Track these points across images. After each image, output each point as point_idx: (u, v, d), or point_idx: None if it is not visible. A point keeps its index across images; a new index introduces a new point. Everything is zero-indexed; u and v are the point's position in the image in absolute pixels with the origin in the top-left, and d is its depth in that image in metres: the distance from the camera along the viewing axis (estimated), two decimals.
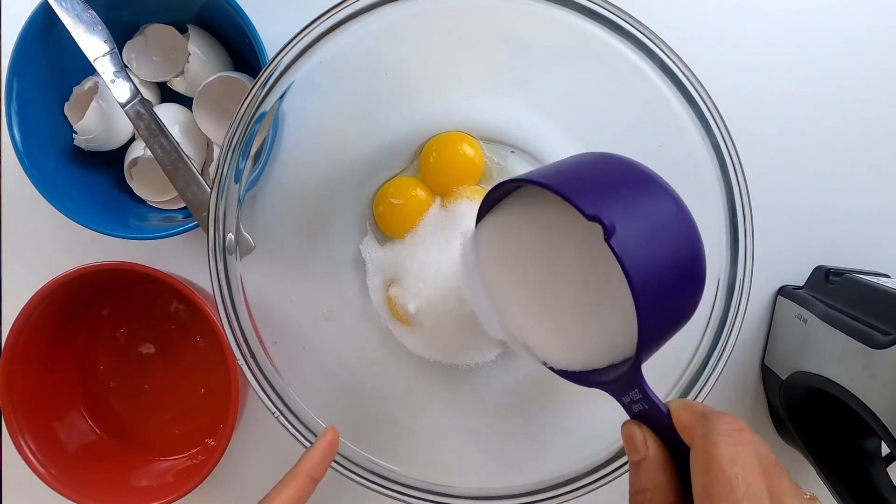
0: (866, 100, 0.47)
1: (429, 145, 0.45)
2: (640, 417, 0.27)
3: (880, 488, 0.40)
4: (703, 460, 0.22)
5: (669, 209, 0.27)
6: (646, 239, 0.25)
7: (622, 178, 0.27)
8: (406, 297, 0.43)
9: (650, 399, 0.26)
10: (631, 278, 0.23)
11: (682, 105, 0.33)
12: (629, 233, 0.24)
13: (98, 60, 0.42)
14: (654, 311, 0.25)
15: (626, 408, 0.27)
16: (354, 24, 0.33)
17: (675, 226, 0.27)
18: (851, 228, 0.48)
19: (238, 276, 0.34)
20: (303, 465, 0.32)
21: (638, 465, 0.25)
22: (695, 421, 0.24)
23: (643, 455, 0.25)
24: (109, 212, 0.45)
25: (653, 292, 0.24)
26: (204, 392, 0.49)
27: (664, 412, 0.25)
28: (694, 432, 0.23)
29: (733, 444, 0.22)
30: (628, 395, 0.27)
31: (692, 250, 0.27)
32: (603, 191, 0.26)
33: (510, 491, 0.34)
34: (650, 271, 0.24)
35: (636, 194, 0.27)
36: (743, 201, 0.33)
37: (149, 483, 0.46)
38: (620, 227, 0.24)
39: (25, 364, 0.43)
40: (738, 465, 0.21)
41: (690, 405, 0.25)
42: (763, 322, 0.48)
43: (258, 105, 0.33)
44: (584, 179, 0.27)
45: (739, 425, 0.23)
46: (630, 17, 0.32)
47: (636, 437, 0.26)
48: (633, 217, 0.25)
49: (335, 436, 0.33)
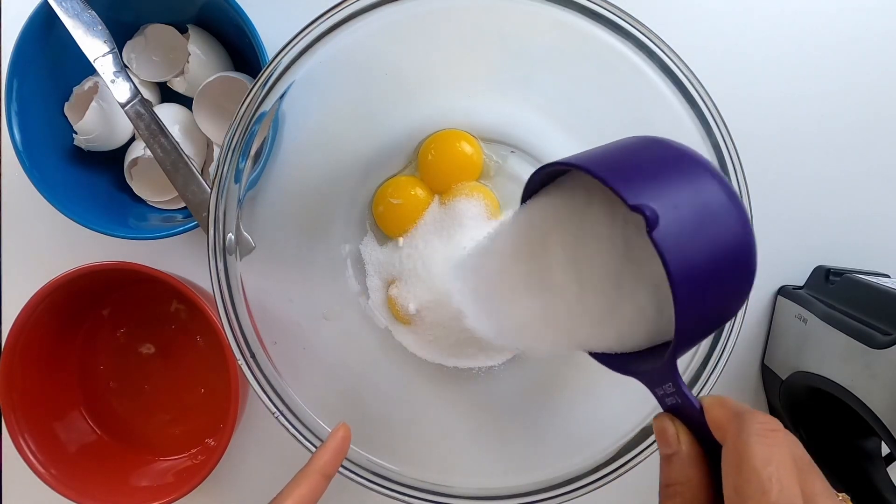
0: (866, 100, 0.47)
1: (427, 143, 0.45)
2: (673, 411, 0.26)
3: (880, 488, 0.40)
4: (735, 460, 0.22)
5: (718, 197, 0.25)
6: (691, 232, 0.23)
7: (665, 161, 0.26)
8: (406, 296, 0.43)
9: (683, 393, 0.25)
10: (672, 276, 0.22)
11: (682, 105, 0.33)
12: (673, 225, 0.23)
13: (98, 60, 0.42)
14: (694, 309, 0.24)
15: (659, 400, 0.27)
16: (354, 24, 0.33)
17: (724, 215, 0.24)
18: (851, 228, 0.48)
19: (238, 276, 0.34)
20: (315, 463, 0.31)
21: (670, 458, 0.25)
22: (728, 419, 0.23)
23: (675, 450, 0.25)
24: (109, 212, 0.45)
25: (694, 291, 0.23)
26: (204, 392, 0.49)
27: (697, 408, 0.25)
28: (727, 430, 0.23)
29: (768, 445, 0.21)
30: (662, 388, 0.26)
31: (742, 243, 0.25)
32: (647, 177, 0.24)
33: (510, 491, 0.34)
34: (693, 268, 0.23)
35: (682, 180, 0.25)
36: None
37: (149, 483, 0.46)
38: (664, 220, 0.22)
39: (25, 364, 0.43)
40: (772, 465, 0.21)
41: (724, 401, 0.24)
42: (763, 322, 0.48)
43: (258, 105, 0.33)
44: (627, 165, 0.26)
45: (774, 425, 0.22)
46: (630, 17, 0.32)
47: (669, 431, 0.25)
48: (678, 207, 0.23)
49: (347, 432, 0.33)
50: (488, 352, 0.44)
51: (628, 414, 0.33)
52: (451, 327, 0.42)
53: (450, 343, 0.43)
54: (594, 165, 0.25)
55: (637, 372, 0.28)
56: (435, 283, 0.42)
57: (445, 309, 0.42)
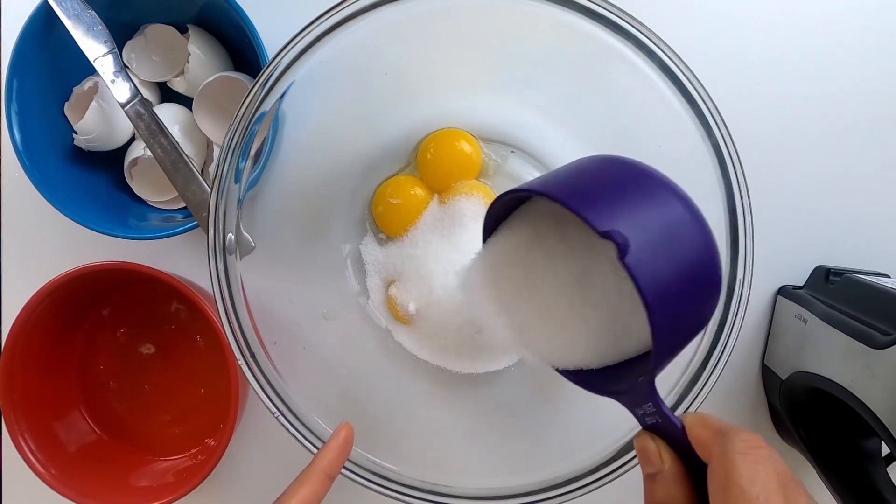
0: (866, 100, 0.47)
1: (425, 142, 0.45)
2: (653, 430, 0.26)
3: (880, 488, 0.40)
4: (721, 479, 0.22)
5: (682, 215, 0.25)
6: (660, 253, 0.24)
7: (631, 184, 0.26)
8: (406, 296, 0.43)
9: (664, 413, 0.25)
10: (646, 299, 0.22)
11: (682, 105, 0.33)
12: (643, 248, 0.23)
13: (98, 60, 0.42)
14: (669, 327, 0.24)
15: (639, 419, 0.27)
16: (354, 24, 0.33)
17: (690, 233, 0.25)
18: (851, 228, 0.48)
19: (238, 276, 0.34)
20: (318, 463, 0.31)
21: (653, 477, 0.25)
22: (711, 438, 0.24)
23: (658, 469, 0.25)
24: (109, 212, 0.45)
25: (668, 310, 0.23)
26: (204, 392, 0.49)
27: (679, 427, 0.25)
28: (711, 450, 0.23)
29: (753, 463, 0.22)
30: (642, 408, 0.26)
31: (707, 257, 0.25)
32: (613, 201, 0.25)
33: (510, 491, 0.34)
34: (666, 288, 0.23)
35: (648, 202, 0.25)
36: (743, 201, 0.33)
37: (149, 483, 0.46)
38: (634, 244, 0.22)
39: (25, 364, 0.43)
40: (757, 484, 0.21)
41: (705, 420, 0.25)
42: (763, 322, 0.48)
43: (258, 105, 0.33)
44: (592, 188, 0.26)
45: (757, 442, 0.23)
46: (630, 17, 0.32)
47: (650, 449, 0.25)
48: (647, 230, 0.24)
49: (350, 432, 0.33)
50: (489, 353, 0.44)
51: (628, 414, 0.33)
52: (450, 328, 0.42)
53: (449, 343, 0.43)
54: (559, 192, 0.25)
55: (616, 392, 0.28)
56: (435, 284, 0.42)
57: (445, 309, 0.42)
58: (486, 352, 0.43)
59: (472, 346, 0.43)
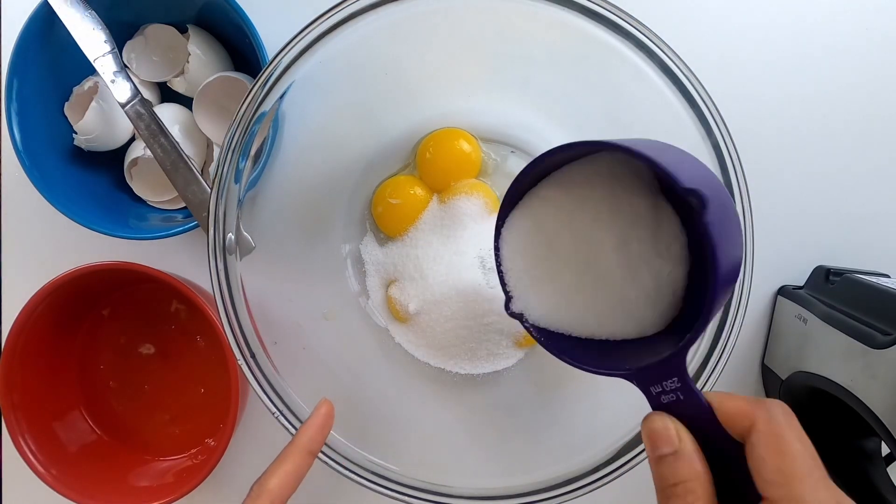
0: (866, 100, 0.47)
1: (425, 142, 0.45)
2: (665, 409, 0.25)
3: (880, 488, 0.40)
4: (775, 443, 0.22)
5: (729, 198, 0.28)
6: (725, 223, 0.25)
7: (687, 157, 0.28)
8: (406, 296, 0.43)
9: (689, 389, 0.25)
10: (716, 259, 0.23)
11: (682, 105, 0.33)
12: (716, 211, 0.24)
13: (98, 60, 0.42)
14: (721, 294, 0.25)
15: (652, 398, 0.26)
16: (354, 24, 0.33)
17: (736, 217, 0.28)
18: (851, 228, 0.48)
19: (238, 276, 0.34)
20: (299, 440, 0.31)
21: (670, 458, 0.24)
22: (750, 406, 0.24)
23: (676, 447, 0.24)
24: (109, 212, 0.45)
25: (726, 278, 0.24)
26: (204, 392, 0.49)
27: (703, 403, 0.25)
28: (755, 417, 0.23)
29: (795, 428, 0.23)
30: (660, 385, 0.25)
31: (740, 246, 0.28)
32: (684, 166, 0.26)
33: (510, 491, 0.34)
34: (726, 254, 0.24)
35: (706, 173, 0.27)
36: (743, 201, 0.33)
37: (149, 483, 0.46)
38: (711, 205, 0.23)
39: (25, 364, 0.43)
40: (809, 444, 0.22)
41: (731, 395, 0.25)
42: (763, 322, 0.48)
43: (258, 105, 0.33)
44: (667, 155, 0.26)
45: (789, 409, 0.24)
46: (630, 17, 0.32)
47: (669, 428, 0.25)
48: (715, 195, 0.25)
49: (330, 408, 0.33)
50: (488, 352, 0.44)
51: (628, 414, 0.33)
52: (450, 328, 0.42)
53: (449, 343, 0.43)
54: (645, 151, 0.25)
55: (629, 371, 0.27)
56: (434, 283, 0.42)
57: (445, 309, 0.42)
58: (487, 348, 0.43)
59: (471, 347, 0.43)
